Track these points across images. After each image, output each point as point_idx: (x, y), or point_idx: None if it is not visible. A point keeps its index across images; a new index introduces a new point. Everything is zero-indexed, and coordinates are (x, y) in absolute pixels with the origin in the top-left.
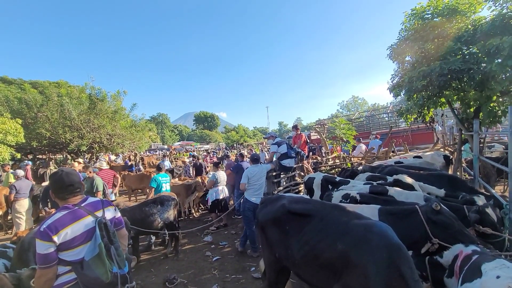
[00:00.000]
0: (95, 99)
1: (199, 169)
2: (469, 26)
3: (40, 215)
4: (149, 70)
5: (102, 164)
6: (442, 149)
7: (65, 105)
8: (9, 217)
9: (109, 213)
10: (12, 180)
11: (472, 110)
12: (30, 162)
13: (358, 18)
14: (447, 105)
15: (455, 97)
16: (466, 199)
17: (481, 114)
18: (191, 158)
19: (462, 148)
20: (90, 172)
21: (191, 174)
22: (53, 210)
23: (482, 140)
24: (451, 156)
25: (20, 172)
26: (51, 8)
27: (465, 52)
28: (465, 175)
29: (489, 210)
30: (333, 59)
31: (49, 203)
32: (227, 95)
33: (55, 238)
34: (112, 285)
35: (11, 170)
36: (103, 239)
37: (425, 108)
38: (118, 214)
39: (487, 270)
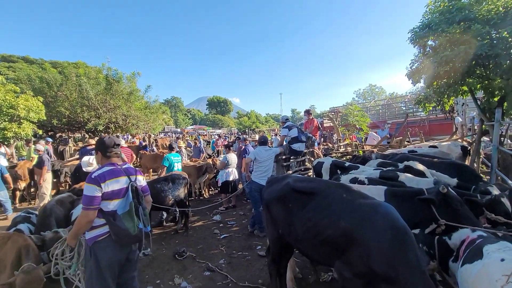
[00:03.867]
0: (111, 80)
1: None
2: (500, 8)
3: (61, 188)
4: (163, 53)
5: (121, 142)
6: (460, 140)
7: (83, 85)
8: (32, 189)
9: (139, 180)
10: (33, 155)
11: (496, 99)
12: (50, 139)
13: (380, 4)
14: (469, 94)
15: (478, 85)
16: (481, 189)
17: (505, 103)
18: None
19: (482, 139)
20: None
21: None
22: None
23: (503, 133)
24: (469, 147)
25: (40, 147)
26: None
27: (494, 36)
28: (482, 167)
29: (504, 200)
30: (351, 46)
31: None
32: (241, 81)
33: (102, 185)
34: (137, 238)
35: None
36: (133, 200)
37: (445, 97)
38: (145, 183)
39: (490, 252)
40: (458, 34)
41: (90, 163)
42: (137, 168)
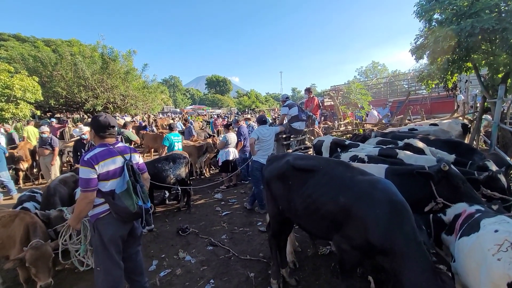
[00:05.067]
0: (107, 58)
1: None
2: None
3: (64, 168)
4: (160, 31)
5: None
6: (461, 118)
7: (79, 64)
8: (34, 170)
9: (134, 158)
10: (25, 134)
11: (500, 76)
12: (54, 119)
13: None
14: (472, 70)
15: (483, 61)
16: (478, 165)
17: (509, 80)
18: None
19: (484, 117)
20: (127, 127)
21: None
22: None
23: (505, 110)
24: (470, 125)
25: (45, 128)
26: None
27: (502, 9)
28: (481, 145)
29: (501, 177)
30: (355, 23)
31: (79, 158)
32: (240, 59)
33: (96, 167)
34: (137, 215)
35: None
36: (130, 178)
37: (449, 73)
38: (141, 161)
39: (486, 225)
40: (466, 6)
41: (81, 128)
42: (134, 148)
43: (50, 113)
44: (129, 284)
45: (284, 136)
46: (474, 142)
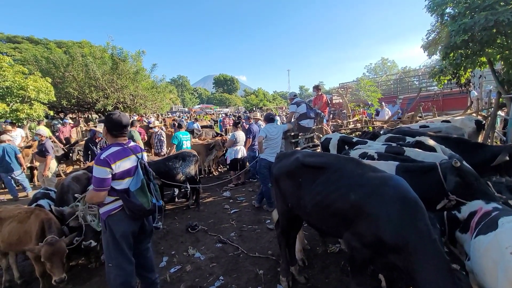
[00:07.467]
0: (117, 59)
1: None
2: None
3: (75, 166)
4: (168, 32)
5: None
6: (474, 114)
7: (89, 65)
8: None
9: (144, 157)
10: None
11: None
12: (67, 121)
13: None
14: (487, 65)
15: (498, 56)
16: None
17: None
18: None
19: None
20: (135, 127)
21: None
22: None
23: None
24: (484, 121)
25: (42, 132)
26: None
27: None
28: (496, 142)
29: None
30: (364, 19)
31: (89, 156)
32: (247, 58)
33: (113, 166)
34: (151, 212)
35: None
36: (144, 176)
37: (462, 69)
38: (146, 159)
39: (504, 223)
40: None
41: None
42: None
43: (62, 113)
44: (140, 280)
45: (292, 134)
46: (489, 140)
